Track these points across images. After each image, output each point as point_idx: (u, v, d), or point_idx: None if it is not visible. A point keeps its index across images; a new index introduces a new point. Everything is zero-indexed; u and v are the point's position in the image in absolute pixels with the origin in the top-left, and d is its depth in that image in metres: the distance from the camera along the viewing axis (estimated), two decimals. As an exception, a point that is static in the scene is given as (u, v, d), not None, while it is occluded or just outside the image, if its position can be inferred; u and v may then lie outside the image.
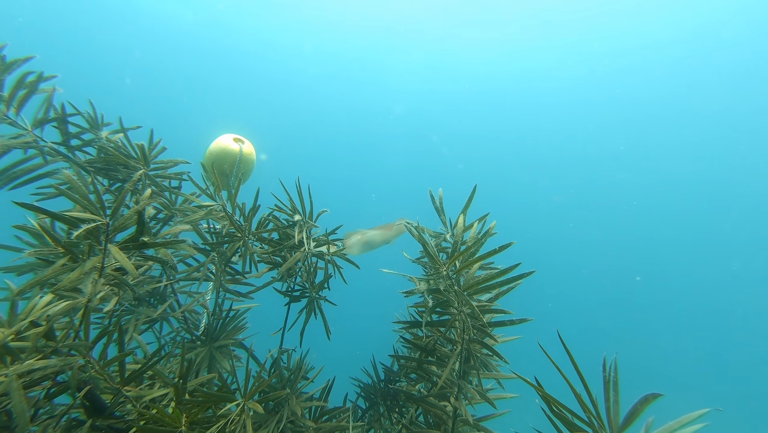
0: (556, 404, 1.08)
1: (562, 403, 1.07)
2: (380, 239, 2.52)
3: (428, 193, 2.05)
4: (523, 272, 1.51)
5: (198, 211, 1.64)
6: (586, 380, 1.07)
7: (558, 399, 1.09)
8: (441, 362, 1.70)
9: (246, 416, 1.34)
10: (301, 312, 1.85)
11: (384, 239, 2.54)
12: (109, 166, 1.49)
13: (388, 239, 2.59)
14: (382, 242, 2.57)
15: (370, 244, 2.49)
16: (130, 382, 1.28)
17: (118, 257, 0.98)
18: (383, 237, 2.54)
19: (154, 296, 1.83)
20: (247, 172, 2.24)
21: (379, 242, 2.53)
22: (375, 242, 2.51)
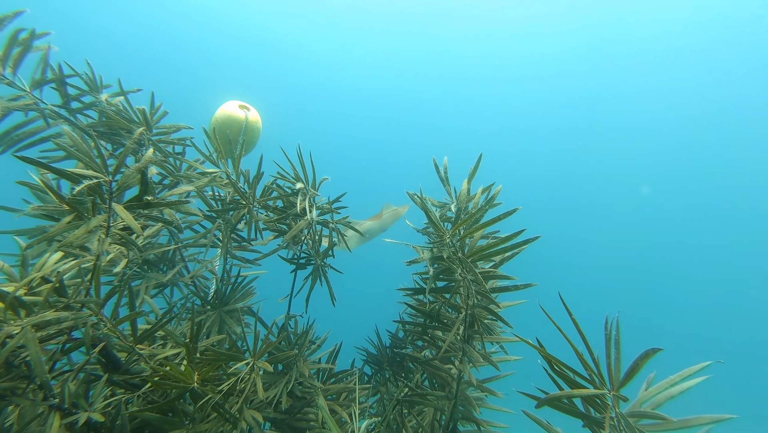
0: (558, 363, 1.09)
1: (564, 363, 1.08)
2: (376, 229, 2.54)
3: (432, 163, 2.02)
4: (527, 237, 1.50)
5: (202, 177, 1.64)
6: (587, 340, 1.07)
7: (560, 360, 1.10)
8: (445, 327, 1.72)
9: (256, 375, 1.39)
10: (306, 279, 1.88)
11: (380, 228, 2.56)
12: (112, 130, 1.49)
13: (383, 227, 2.60)
14: (379, 231, 2.58)
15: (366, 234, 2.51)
16: (142, 340, 1.33)
17: (122, 215, 0.99)
18: (379, 226, 2.55)
19: (163, 262, 1.86)
20: (253, 140, 2.22)
21: (375, 232, 2.55)
22: (372, 232, 2.52)
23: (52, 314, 0.91)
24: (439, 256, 1.60)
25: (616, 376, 0.98)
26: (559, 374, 1.09)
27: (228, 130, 2.05)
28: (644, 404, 0.97)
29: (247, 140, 2.16)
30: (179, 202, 1.13)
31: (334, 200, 1.93)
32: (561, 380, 1.11)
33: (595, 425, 1.00)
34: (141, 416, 1.23)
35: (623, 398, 0.92)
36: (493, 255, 1.55)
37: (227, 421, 1.32)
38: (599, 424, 0.98)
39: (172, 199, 1.12)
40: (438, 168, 2.02)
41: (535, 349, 1.15)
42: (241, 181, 1.80)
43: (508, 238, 1.48)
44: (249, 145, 2.19)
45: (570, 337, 1.10)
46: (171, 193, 1.15)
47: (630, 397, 1.01)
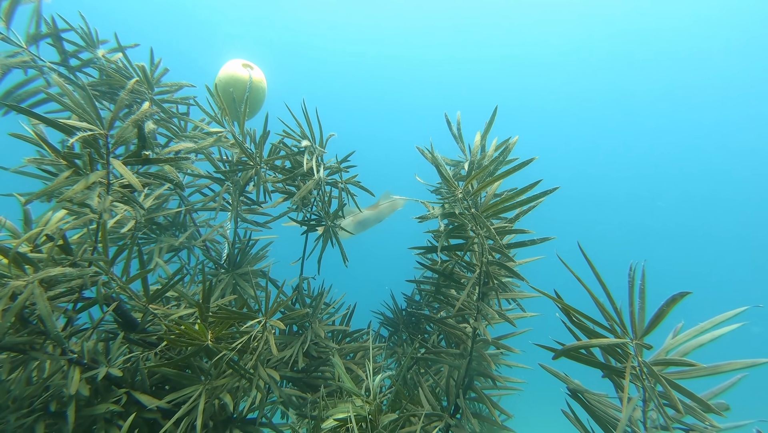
0: (576, 313, 1.03)
1: (583, 312, 1.03)
2: (373, 218, 2.51)
3: (444, 119, 1.92)
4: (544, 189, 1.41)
5: (207, 137, 1.60)
6: (609, 289, 1.01)
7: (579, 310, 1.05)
8: (460, 286, 1.68)
9: (269, 333, 1.39)
10: (317, 240, 1.85)
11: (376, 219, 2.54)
12: (113, 89, 1.45)
13: (379, 217, 2.57)
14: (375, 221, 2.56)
15: (363, 224, 2.48)
16: (154, 300, 1.34)
17: (120, 170, 0.96)
18: (375, 216, 2.52)
19: (176, 226, 1.86)
20: (258, 101, 2.15)
21: (372, 221, 2.52)
22: (368, 221, 2.50)
23: (57, 270, 0.91)
24: (451, 212, 1.54)
25: (639, 325, 0.92)
26: (577, 324, 1.03)
27: (232, 90, 1.98)
28: (670, 352, 0.92)
29: (252, 101, 2.09)
30: (178, 159, 1.09)
31: (342, 159, 1.86)
32: (580, 331, 1.06)
33: (615, 375, 0.95)
34: (159, 371, 1.26)
35: (647, 346, 0.86)
36: (508, 209, 1.47)
37: (242, 377, 1.34)
38: (620, 373, 0.93)
39: (170, 155, 1.08)
40: (450, 124, 1.91)
41: (553, 300, 1.10)
42: (247, 141, 1.75)
43: (524, 190, 1.39)
44: (254, 106, 2.12)
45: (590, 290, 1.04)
46: (170, 150, 1.11)
47: (655, 347, 0.96)
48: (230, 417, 1.50)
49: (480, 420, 1.51)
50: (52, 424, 1.09)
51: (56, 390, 1.09)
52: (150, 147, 1.05)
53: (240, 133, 1.69)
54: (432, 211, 1.46)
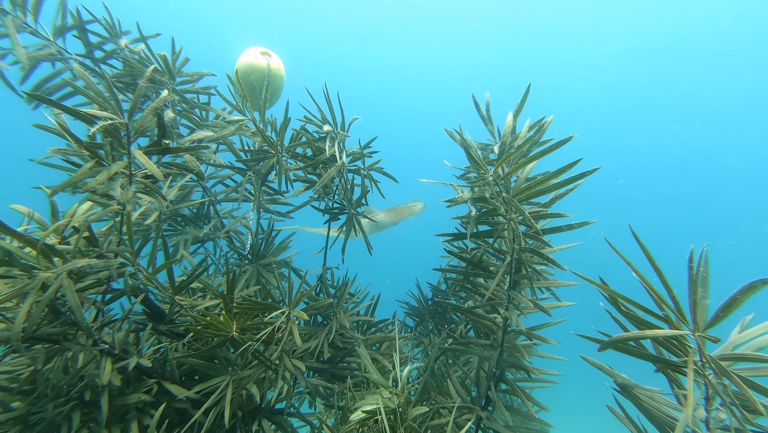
0: (626, 302, 0.95)
1: (634, 301, 0.94)
2: (389, 221, 2.50)
3: (472, 100, 1.82)
4: (584, 170, 1.31)
5: (228, 126, 1.57)
6: (665, 276, 0.92)
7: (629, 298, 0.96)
8: (489, 274, 1.61)
9: (292, 324, 1.37)
10: (340, 229, 1.81)
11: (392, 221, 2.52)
12: (136, 80, 1.44)
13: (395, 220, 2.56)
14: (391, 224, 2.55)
15: (379, 225, 2.47)
16: (180, 291, 1.33)
17: (141, 159, 0.94)
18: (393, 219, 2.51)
19: (200, 218, 1.86)
20: (277, 89, 2.11)
21: (388, 224, 2.51)
22: (384, 224, 2.48)
23: (84, 261, 0.90)
24: (481, 196, 1.46)
25: (702, 315, 0.83)
26: (627, 314, 0.95)
27: (253, 78, 1.95)
28: (737, 348, 0.82)
29: (271, 89, 2.05)
30: (198, 148, 1.06)
31: (365, 145, 1.81)
32: (628, 322, 0.97)
33: (671, 369, 0.86)
34: (187, 362, 1.26)
35: (713, 339, 0.77)
36: (543, 192, 1.38)
37: (268, 368, 1.33)
38: (677, 368, 0.84)
39: (190, 144, 1.05)
40: (479, 105, 1.82)
41: (599, 288, 1.01)
42: (268, 130, 1.72)
43: (561, 170, 1.30)
44: (273, 94, 2.08)
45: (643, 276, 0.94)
46: (189, 139, 1.08)
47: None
48: (258, 407, 1.50)
49: (513, 413, 1.45)
50: (87, 412, 1.11)
51: (90, 380, 1.10)
52: (170, 136, 1.02)
53: (261, 121, 1.66)
54: (461, 195, 1.39)
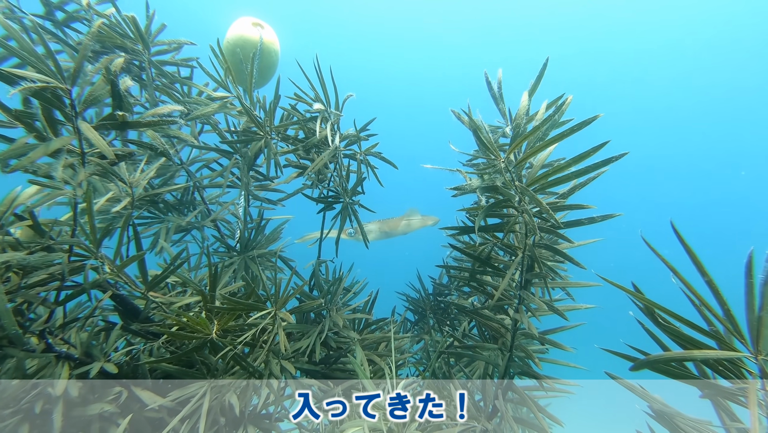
0: (666, 314, 0.79)
1: (677, 314, 0.78)
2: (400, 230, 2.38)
3: (484, 77, 1.64)
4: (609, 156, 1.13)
5: (210, 103, 1.41)
6: (717, 285, 0.76)
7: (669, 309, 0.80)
8: (497, 271, 1.45)
9: (279, 326, 1.23)
10: (335, 219, 1.66)
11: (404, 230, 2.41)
12: (105, 48, 1.28)
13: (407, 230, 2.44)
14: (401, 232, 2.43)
15: (389, 233, 2.34)
16: (154, 286, 1.19)
17: (88, 134, 0.78)
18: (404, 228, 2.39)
19: (184, 204, 1.72)
20: (270, 65, 1.93)
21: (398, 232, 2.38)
22: (395, 231, 2.35)
23: (5, 256, 0.75)
24: (492, 185, 1.30)
25: (765, 334, 0.67)
26: (666, 328, 0.79)
27: (240, 53, 1.77)
28: (810, 374, 0.67)
29: (263, 65, 1.88)
30: (161, 122, 0.90)
31: (361, 128, 1.64)
32: (667, 337, 0.82)
33: (722, 397, 0.71)
34: (159, 367, 1.13)
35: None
36: (562, 180, 1.21)
37: (251, 375, 1.19)
38: (731, 395, 0.69)
39: (153, 118, 0.90)
40: (490, 83, 1.64)
41: (631, 295, 0.86)
42: (257, 109, 1.55)
43: (584, 155, 1.13)
44: (265, 71, 1.91)
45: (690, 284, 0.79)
46: (153, 112, 0.92)
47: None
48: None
49: (523, 426, 1.31)
50: (40, 426, 0.98)
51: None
52: (128, 108, 0.86)
53: (248, 97, 1.50)
54: (469, 183, 1.22)
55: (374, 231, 2.36)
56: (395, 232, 2.41)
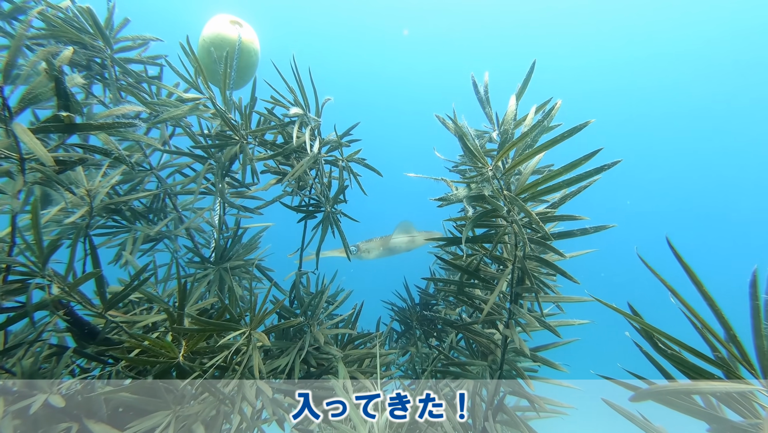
0: (666, 339, 0.73)
1: (678, 339, 0.72)
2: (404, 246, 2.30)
3: (471, 81, 1.58)
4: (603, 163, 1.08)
5: (181, 105, 1.31)
6: (719, 308, 0.70)
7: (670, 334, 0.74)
8: (487, 285, 1.39)
9: (253, 348, 1.13)
10: (315, 229, 1.57)
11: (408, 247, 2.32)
12: (60, 43, 1.17)
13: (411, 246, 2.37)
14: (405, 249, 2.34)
15: (392, 249, 2.26)
16: (113, 305, 1.08)
17: (23, 137, 0.68)
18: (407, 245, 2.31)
19: (154, 212, 1.60)
20: (249, 66, 1.84)
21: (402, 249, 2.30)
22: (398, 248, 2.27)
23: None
24: (479, 194, 1.23)
25: (775, 363, 0.62)
26: (667, 355, 0.73)
27: (215, 52, 1.67)
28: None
29: (241, 66, 1.79)
30: (119, 125, 0.80)
31: (343, 133, 1.56)
32: (668, 363, 0.76)
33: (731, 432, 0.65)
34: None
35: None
36: (553, 189, 1.15)
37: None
38: (741, 432, 0.63)
39: (108, 120, 0.80)
40: (477, 86, 1.58)
41: (627, 318, 0.80)
42: (232, 112, 1.46)
43: (576, 163, 1.07)
44: (244, 72, 1.82)
45: (690, 306, 0.73)
46: (108, 114, 0.82)
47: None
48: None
49: (513, 449, 1.24)
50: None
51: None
52: (76, 109, 0.76)
53: (222, 99, 1.40)
54: (455, 193, 1.16)
55: (377, 248, 2.27)
56: (398, 249, 2.32)
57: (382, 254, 2.28)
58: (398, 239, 2.26)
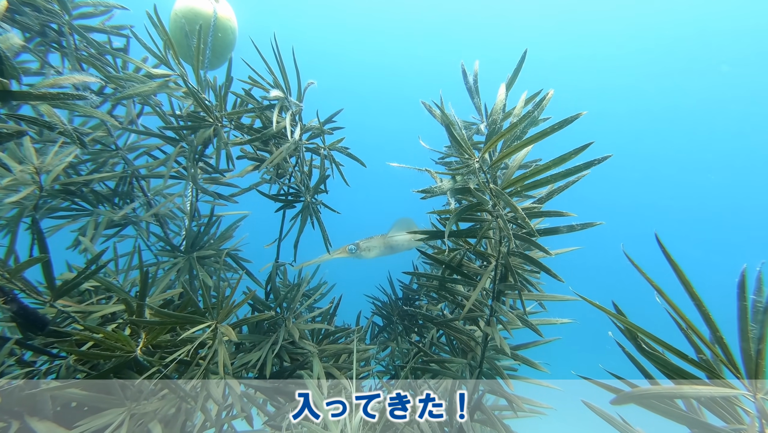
0: (651, 340, 0.70)
1: (663, 340, 0.69)
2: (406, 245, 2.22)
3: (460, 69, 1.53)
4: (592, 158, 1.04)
5: (149, 81, 1.22)
6: (707, 308, 0.67)
7: (654, 334, 0.71)
8: (470, 281, 1.35)
9: (219, 342, 1.06)
10: (294, 219, 1.50)
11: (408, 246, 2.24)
12: (12, 7, 1.06)
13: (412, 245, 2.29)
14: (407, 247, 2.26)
15: (394, 247, 2.18)
16: (64, 294, 1.00)
17: (-53, 102, 0.60)
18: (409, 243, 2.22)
19: (119, 195, 1.50)
20: (226, 45, 1.74)
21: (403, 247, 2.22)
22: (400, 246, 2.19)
23: None
24: (464, 187, 1.18)
25: (760, 363, 0.59)
26: (650, 355, 0.70)
27: (189, 27, 1.57)
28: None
29: (217, 45, 1.69)
30: (66, 96, 0.72)
31: (326, 119, 1.49)
32: (651, 364, 0.73)
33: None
34: (63, 395, 0.94)
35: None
36: (540, 184, 1.11)
37: (182, 399, 1.02)
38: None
39: (52, 90, 0.71)
40: (467, 75, 1.53)
41: (611, 316, 0.76)
42: (206, 92, 1.37)
43: (565, 157, 1.03)
44: (220, 51, 1.72)
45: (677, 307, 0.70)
46: (52, 83, 0.74)
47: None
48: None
49: (489, 449, 1.21)
50: None
51: None
52: (13, 74, 0.68)
53: (195, 78, 1.31)
54: (440, 185, 1.11)
55: (378, 247, 2.18)
56: (400, 247, 2.23)
57: (383, 252, 2.20)
58: (400, 236, 2.18)
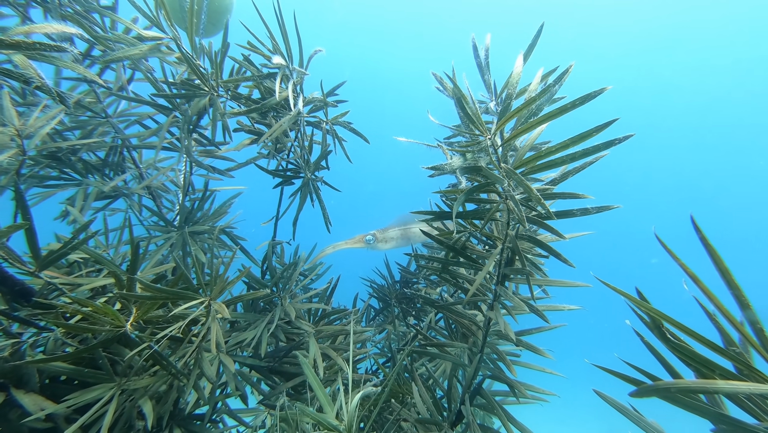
0: (679, 329, 0.65)
1: (693, 330, 0.64)
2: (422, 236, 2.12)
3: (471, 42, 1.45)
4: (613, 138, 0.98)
5: (139, 44, 1.14)
6: (745, 295, 0.62)
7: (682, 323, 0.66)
8: (473, 263, 1.30)
9: (212, 319, 1.01)
10: (293, 196, 1.44)
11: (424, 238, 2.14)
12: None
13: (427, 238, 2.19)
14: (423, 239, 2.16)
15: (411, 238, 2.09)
16: (49, 264, 0.94)
17: None
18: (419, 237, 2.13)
19: (110, 166, 1.43)
20: (224, 10, 1.64)
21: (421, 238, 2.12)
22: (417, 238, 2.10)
23: None
24: (474, 166, 1.12)
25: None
26: (677, 347, 0.65)
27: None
28: None
29: (214, 9, 1.59)
30: (42, 46, 0.64)
31: (329, 91, 1.41)
32: (675, 356, 0.68)
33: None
34: (49, 368, 0.89)
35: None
36: (555, 165, 1.05)
37: (174, 376, 0.98)
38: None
39: (22, 39, 0.64)
40: (477, 50, 1.44)
41: (634, 303, 0.71)
42: (201, 58, 1.28)
43: (584, 136, 0.96)
44: (217, 17, 1.62)
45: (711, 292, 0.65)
46: (28, 30, 0.66)
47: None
48: (172, 412, 1.17)
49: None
50: None
51: None
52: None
53: (189, 42, 1.22)
54: (450, 162, 1.04)
55: (396, 238, 2.10)
56: (417, 238, 2.16)
57: (399, 244, 2.13)
58: (417, 227, 2.10)
